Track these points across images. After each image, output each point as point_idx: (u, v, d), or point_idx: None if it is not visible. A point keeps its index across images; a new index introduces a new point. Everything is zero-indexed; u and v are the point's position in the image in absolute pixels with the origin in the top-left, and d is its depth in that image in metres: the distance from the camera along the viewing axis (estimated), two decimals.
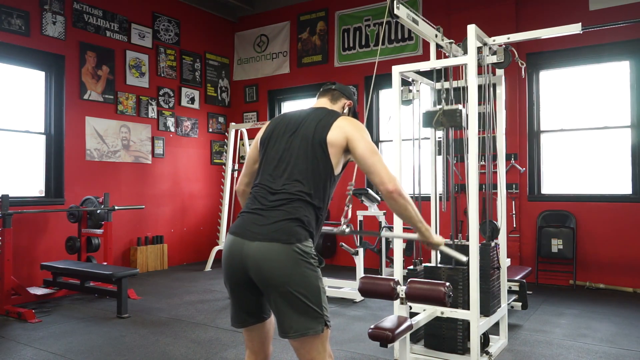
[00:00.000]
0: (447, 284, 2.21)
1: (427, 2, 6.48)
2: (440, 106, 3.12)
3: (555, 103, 5.94)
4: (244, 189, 2.12)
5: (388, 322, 2.23)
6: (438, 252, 2.14)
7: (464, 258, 2.22)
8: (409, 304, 2.56)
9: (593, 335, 3.75)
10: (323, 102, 2.10)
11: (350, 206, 2.25)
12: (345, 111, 2.13)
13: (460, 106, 3.07)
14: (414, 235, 2.09)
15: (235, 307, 1.91)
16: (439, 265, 3.26)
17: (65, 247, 5.41)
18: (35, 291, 4.86)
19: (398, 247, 3.19)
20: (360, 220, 5.69)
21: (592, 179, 5.69)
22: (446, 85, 3.40)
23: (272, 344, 2.03)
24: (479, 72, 3.16)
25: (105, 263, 5.18)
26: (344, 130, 1.88)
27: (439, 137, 3.52)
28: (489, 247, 3.22)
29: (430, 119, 3.14)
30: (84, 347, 3.53)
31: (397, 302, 2.80)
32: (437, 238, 2.08)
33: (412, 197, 3.34)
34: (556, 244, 5.53)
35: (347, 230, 2.13)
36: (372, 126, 6.95)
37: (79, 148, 5.98)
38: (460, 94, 3.22)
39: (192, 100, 7.49)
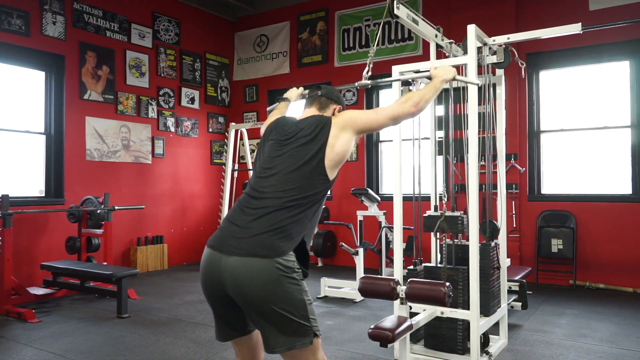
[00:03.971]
0: (447, 284, 2.21)
1: (427, 2, 6.48)
2: (442, 212, 3.13)
3: (555, 103, 5.94)
4: None
5: (388, 322, 2.23)
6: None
7: (477, 81, 2.48)
8: (409, 304, 2.56)
9: (593, 335, 3.75)
10: (312, 112, 2.04)
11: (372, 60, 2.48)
12: None
13: (461, 213, 3.08)
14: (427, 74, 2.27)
15: (217, 322, 1.84)
16: (439, 265, 3.26)
17: (65, 247, 5.41)
18: (35, 291, 4.86)
19: (398, 247, 3.19)
20: (360, 220, 5.69)
21: (592, 179, 5.69)
22: (446, 85, 3.39)
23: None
24: (479, 72, 3.16)
25: (105, 263, 5.19)
26: (348, 129, 1.86)
27: (439, 137, 3.52)
28: (489, 247, 3.22)
29: (431, 225, 3.14)
30: (84, 347, 3.53)
31: (397, 302, 2.80)
32: (448, 75, 2.20)
33: (412, 197, 3.35)
34: (556, 244, 5.53)
35: (370, 81, 2.40)
36: None
37: (79, 148, 5.98)
38: (460, 94, 3.22)
39: (192, 100, 7.49)
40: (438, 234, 3.21)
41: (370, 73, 2.49)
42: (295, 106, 2.48)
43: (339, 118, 1.91)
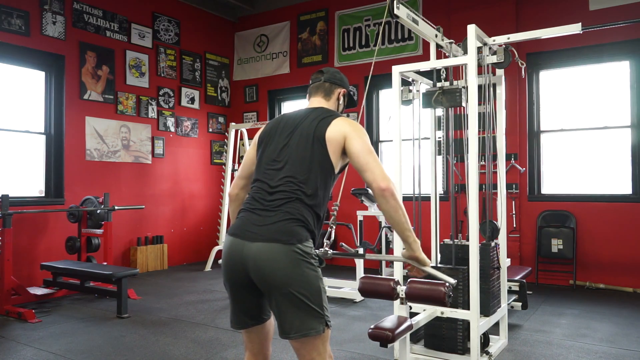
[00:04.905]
0: (447, 284, 2.20)
1: (427, 2, 6.48)
2: (440, 85, 3.08)
3: (555, 103, 5.93)
4: (238, 192, 2.08)
5: (388, 322, 2.23)
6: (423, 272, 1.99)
7: (452, 281, 2.07)
8: (409, 304, 2.56)
9: (593, 335, 3.75)
10: (318, 101, 2.06)
11: (334, 227, 2.07)
12: (341, 101, 2.10)
13: (461, 82, 3.02)
14: (399, 257, 1.99)
15: (235, 309, 1.90)
16: (438, 265, 3.26)
17: (65, 247, 5.41)
18: (35, 291, 4.86)
19: (398, 248, 3.19)
20: (360, 220, 5.69)
21: (592, 179, 5.69)
22: (446, 84, 3.39)
23: (272, 344, 2.03)
24: (479, 72, 3.16)
25: (105, 263, 5.18)
26: (342, 129, 1.86)
27: (439, 137, 3.52)
28: (489, 247, 3.22)
29: (429, 99, 3.10)
30: (84, 347, 3.53)
31: (397, 302, 2.80)
32: (424, 256, 1.92)
33: (412, 197, 3.35)
34: (556, 244, 5.53)
35: (330, 252, 1.92)
36: (372, 126, 6.95)
37: (79, 148, 5.98)
38: (460, 94, 3.21)
39: (192, 100, 7.49)
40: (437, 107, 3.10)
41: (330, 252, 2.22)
42: (296, 105, 2.47)
43: (345, 121, 1.91)
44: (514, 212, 5.81)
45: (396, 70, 3.23)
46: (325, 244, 1.95)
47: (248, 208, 1.86)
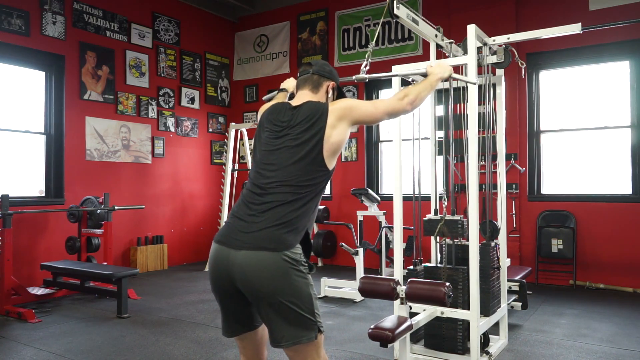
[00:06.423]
0: (447, 284, 2.21)
1: (427, 2, 6.48)
2: (442, 216, 3.11)
3: (555, 103, 5.94)
4: None
5: (388, 322, 2.23)
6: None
7: (474, 80, 2.44)
8: (409, 304, 2.56)
9: (593, 335, 3.75)
10: (305, 94, 1.98)
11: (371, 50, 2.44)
12: (329, 95, 2.02)
13: (461, 217, 3.06)
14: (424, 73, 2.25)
15: (225, 317, 1.86)
16: (439, 265, 3.26)
17: (65, 247, 5.41)
18: (35, 291, 4.86)
19: (398, 247, 3.19)
20: (360, 220, 5.69)
21: (592, 179, 5.69)
22: (446, 85, 3.40)
23: (268, 347, 2.01)
24: (479, 72, 3.16)
25: (105, 263, 5.19)
26: (345, 119, 1.84)
27: (439, 137, 3.52)
28: (489, 247, 3.22)
29: (432, 229, 3.12)
30: (84, 347, 3.53)
31: (397, 302, 2.80)
32: (444, 73, 2.16)
33: (412, 197, 3.35)
34: (556, 244, 5.53)
35: (367, 75, 2.37)
36: (372, 126, 6.95)
37: (79, 148, 5.98)
38: (460, 94, 3.22)
39: (192, 100, 7.49)
40: (438, 237, 3.19)
41: (368, 67, 2.50)
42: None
43: (336, 106, 1.87)
44: (514, 212, 5.81)
45: (396, 70, 3.22)
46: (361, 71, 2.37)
47: (235, 213, 1.81)
